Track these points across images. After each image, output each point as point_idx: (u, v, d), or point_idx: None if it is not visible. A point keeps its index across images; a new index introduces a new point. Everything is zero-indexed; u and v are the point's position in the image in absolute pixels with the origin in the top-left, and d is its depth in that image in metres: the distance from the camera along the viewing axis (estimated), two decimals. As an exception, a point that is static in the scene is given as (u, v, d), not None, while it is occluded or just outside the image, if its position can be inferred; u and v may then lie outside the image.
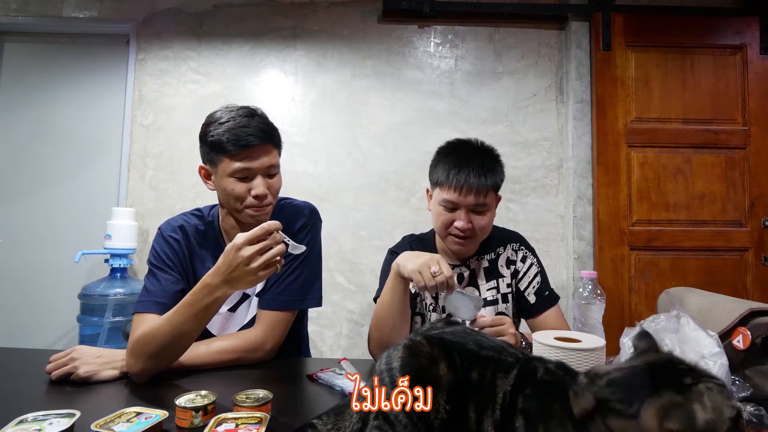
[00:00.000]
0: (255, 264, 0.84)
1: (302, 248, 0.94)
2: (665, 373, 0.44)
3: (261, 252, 0.84)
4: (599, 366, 0.48)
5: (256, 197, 1.04)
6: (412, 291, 1.21)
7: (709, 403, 0.40)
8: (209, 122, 1.06)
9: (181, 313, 0.89)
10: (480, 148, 1.21)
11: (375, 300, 1.24)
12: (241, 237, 0.85)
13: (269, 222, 0.86)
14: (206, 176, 1.10)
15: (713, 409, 0.40)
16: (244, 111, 1.06)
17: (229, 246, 0.86)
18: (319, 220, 1.21)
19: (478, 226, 1.15)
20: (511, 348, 0.56)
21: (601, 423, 0.43)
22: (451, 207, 1.15)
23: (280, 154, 1.11)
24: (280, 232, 0.87)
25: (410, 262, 1.01)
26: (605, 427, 0.42)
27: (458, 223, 1.14)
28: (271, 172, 1.08)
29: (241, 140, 1.01)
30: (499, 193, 1.22)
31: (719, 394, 0.41)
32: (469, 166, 1.13)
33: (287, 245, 0.90)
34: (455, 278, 1.21)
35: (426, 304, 1.26)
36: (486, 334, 0.60)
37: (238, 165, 1.02)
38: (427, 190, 1.26)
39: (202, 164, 1.10)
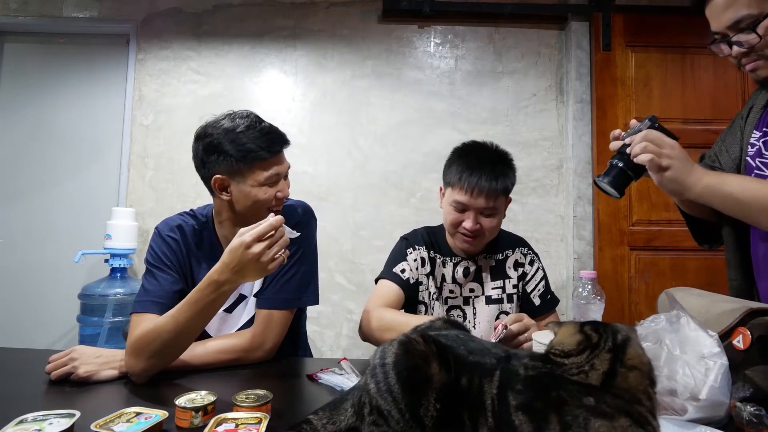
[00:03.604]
0: (265, 258, 0.86)
1: (297, 234, 0.96)
2: None
3: (269, 246, 0.86)
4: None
5: (280, 199, 1.08)
6: (412, 281, 1.25)
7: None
8: (221, 133, 1.02)
9: (186, 310, 0.89)
10: (494, 152, 1.25)
11: (376, 281, 1.29)
12: (249, 235, 0.86)
13: (274, 218, 0.88)
14: (222, 188, 1.05)
15: None
16: (254, 118, 1.06)
17: (236, 243, 0.86)
18: (314, 219, 1.21)
19: (486, 227, 1.19)
20: (495, 348, 0.57)
21: (620, 365, 0.48)
22: (461, 208, 1.19)
23: None
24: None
25: None
26: (625, 367, 0.48)
27: (467, 224, 1.18)
28: (287, 174, 1.11)
29: (274, 145, 1.03)
30: (510, 195, 1.26)
31: None
32: (481, 169, 1.16)
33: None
34: (462, 272, 1.26)
35: (430, 293, 1.27)
36: (475, 337, 0.60)
37: (273, 170, 1.04)
38: (440, 189, 1.29)
39: (218, 175, 1.03)
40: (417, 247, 1.29)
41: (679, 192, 0.91)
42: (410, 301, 1.27)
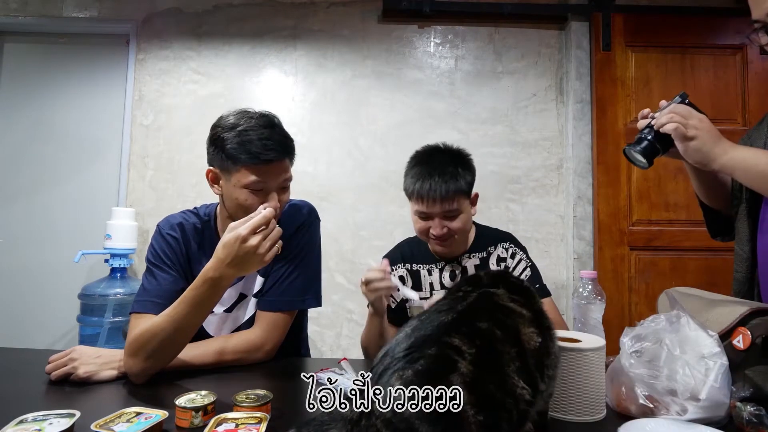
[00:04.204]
0: (263, 250, 0.87)
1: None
2: None
3: (264, 238, 0.87)
4: None
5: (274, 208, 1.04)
6: (393, 305, 1.29)
7: None
8: (225, 127, 1.01)
9: (182, 309, 0.89)
10: (445, 154, 1.25)
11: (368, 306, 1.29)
12: (245, 228, 0.86)
13: (266, 210, 0.89)
14: (214, 180, 1.06)
15: None
16: (264, 121, 1.02)
17: (230, 238, 0.86)
18: (317, 219, 1.20)
19: (454, 229, 1.20)
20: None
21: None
22: (424, 216, 1.21)
23: (293, 164, 1.08)
24: None
25: None
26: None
27: (433, 231, 1.20)
28: (285, 185, 1.06)
29: (261, 155, 0.97)
30: (477, 191, 1.26)
31: None
32: (431, 177, 1.18)
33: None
34: (448, 275, 1.29)
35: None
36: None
37: (254, 178, 0.98)
38: None
39: (211, 167, 1.05)
40: (394, 269, 1.31)
41: (704, 162, 0.91)
42: (405, 319, 1.27)
